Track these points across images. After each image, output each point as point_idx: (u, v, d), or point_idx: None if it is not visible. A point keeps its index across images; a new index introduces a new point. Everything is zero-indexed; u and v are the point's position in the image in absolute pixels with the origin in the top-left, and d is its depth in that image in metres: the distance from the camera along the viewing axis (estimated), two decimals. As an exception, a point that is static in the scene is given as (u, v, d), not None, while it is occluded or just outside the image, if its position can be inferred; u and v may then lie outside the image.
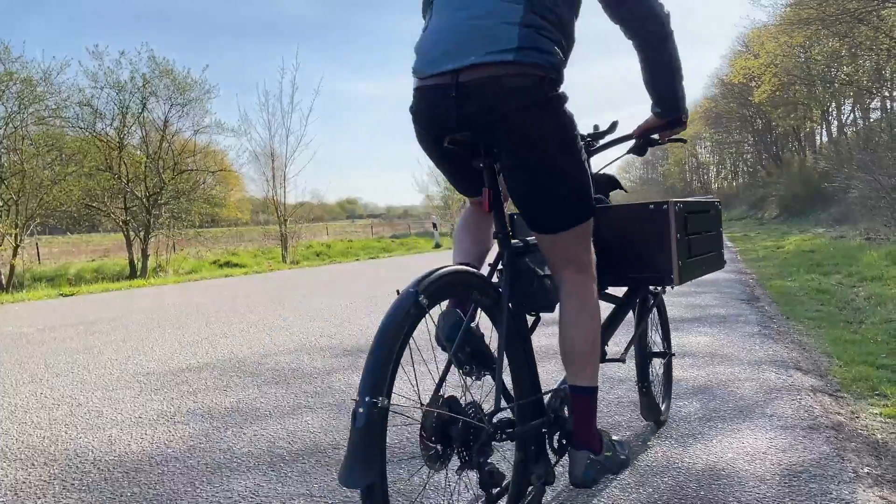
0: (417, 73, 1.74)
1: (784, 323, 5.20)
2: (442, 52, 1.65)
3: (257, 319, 6.24)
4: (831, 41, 20.07)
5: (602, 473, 1.86)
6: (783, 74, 22.88)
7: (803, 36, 19.88)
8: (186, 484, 2.41)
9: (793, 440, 2.59)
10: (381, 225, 47.59)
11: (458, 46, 1.62)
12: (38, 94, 14.66)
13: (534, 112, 1.60)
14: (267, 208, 23.88)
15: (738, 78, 26.48)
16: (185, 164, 18.02)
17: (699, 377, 3.60)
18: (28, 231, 14.97)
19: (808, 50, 22.71)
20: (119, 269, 18.13)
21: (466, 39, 1.61)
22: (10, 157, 14.43)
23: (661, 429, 2.80)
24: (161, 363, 4.46)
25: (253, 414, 3.23)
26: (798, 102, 30.80)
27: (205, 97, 17.72)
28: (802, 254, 11.40)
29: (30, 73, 14.50)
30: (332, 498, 2.24)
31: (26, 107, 14.60)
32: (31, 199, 14.47)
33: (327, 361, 4.34)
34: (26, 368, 4.45)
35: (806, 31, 18.81)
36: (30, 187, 14.24)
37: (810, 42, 21.78)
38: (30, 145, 14.75)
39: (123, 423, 3.18)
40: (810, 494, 2.11)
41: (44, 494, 2.36)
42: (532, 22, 1.59)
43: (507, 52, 1.57)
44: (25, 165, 14.17)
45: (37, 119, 15.19)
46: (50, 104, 15.20)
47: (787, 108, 32.20)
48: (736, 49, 38.49)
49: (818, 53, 22.16)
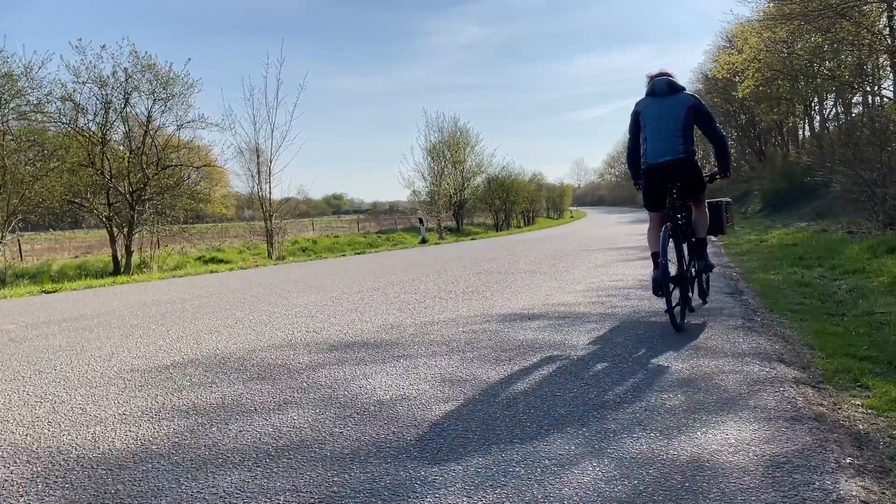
0: (650, 160, 4.97)
1: (767, 316, 5.24)
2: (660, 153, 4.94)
3: (242, 315, 6.21)
4: (814, 36, 20.16)
5: (708, 269, 5.41)
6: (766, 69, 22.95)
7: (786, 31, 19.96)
8: (171, 481, 2.39)
9: (776, 431, 2.61)
10: (368, 220, 47.45)
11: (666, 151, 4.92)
12: (19, 88, 14.48)
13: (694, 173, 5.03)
14: (252, 204, 23.77)
15: (721, 73, 26.52)
16: (169, 160, 17.85)
17: (683, 370, 3.62)
18: (10, 228, 14.80)
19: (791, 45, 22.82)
20: (103, 265, 17.95)
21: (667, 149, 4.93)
22: (-9, 153, 14.27)
23: (647, 421, 2.81)
24: (145, 360, 4.43)
25: (238, 410, 3.22)
26: (781, 97, 30.97)
27: (188, 92, 17.54)
28: (786, 247, 11.50)
29: (10, 68, 14.32)
30: (319, 493, 2.24)
31: (7, 102, 14.41)
32: (13, 196, 14.28)
33: (313, 357, 4.33)
34: (8, 366, 4.40)
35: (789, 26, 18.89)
36: (11, 183, 14.05)
37: (793, 37, 21.88)
38: (11, 141, 14.56)
39: (107, 420, 3.15)
40: (793, 485, 2.13)
41: (27, 493, 2.34)
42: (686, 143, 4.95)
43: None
44: (6, 161, 13.97)
45: (18, 114, 15.00)
46: (31, 99, 15.01)
47: (771, 103, 32.35)
48: (719, 44, 38.68)
49: (801, 49, 22.26)
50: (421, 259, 13.65)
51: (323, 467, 2.46)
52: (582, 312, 5.67)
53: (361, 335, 5.01)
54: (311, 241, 28.42)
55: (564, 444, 2.60)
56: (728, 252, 11.86)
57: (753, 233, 17.17)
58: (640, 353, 4.07)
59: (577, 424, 2.82)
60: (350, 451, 2.60)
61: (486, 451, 2.55)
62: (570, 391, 3.31)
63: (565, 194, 67.24)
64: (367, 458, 2.52)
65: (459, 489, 2.22)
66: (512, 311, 5.84)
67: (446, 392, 3.39)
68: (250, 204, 24.15)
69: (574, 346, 4.35)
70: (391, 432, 2.81)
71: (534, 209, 50.73)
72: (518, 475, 2.31)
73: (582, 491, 2.17)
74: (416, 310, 6.14)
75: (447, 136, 36.55)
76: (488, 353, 4.24)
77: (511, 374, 3.68)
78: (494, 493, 2.18)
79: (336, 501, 2.17)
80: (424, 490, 2.23)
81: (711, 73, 34.79)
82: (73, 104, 15.92)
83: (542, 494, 2.16)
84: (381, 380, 3.67)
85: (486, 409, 3.07)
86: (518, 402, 3.17)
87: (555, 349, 4.26)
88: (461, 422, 2.91)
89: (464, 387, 3.47)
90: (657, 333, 4.64)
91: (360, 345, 4.66)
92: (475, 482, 2.27)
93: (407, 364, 4.02)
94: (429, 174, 35.83)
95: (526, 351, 4.25)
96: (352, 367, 3.99)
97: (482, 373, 3.73)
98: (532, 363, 3.92)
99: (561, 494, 2.15)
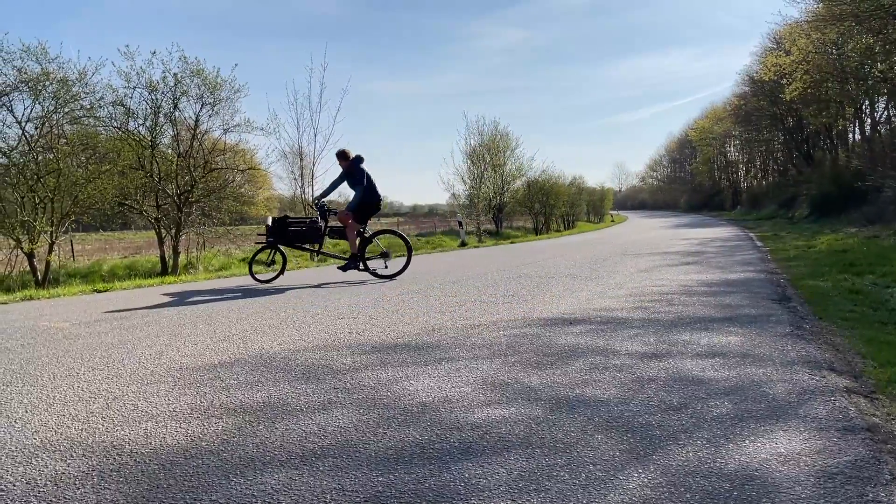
0: None
1: (817, 323, 5.12)
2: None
3: (287, 316, 6.30)
4: (865, 37, 19.64)
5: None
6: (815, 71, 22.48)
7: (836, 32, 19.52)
8: (220, 477, 2.45)
9: (827, 442, 2.56)
10: (407, 223, 47.68)
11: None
12: (73, 93, 14.91)
13: None
14: (294, 206, 24.05)
15: (768, 75, 26.05)
16: (215, 163, 18.20)
17: (731, 377, 3.57)
18: (63, 228, 15.26)
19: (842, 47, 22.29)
20: (151, 265, 18.40)
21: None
22: (46, 156, 14.71)
23: (693, 429, 2.77)
24: (193, 358, 4.53)
25: (284, 409, 3.27)
26: (830, 100, 30.26)
27: (235, 96, 17.86)
28: (835, 254, 11.21)
29: (66, 74, 14.77)
30: (364, 493, 2.27)
31: (62, 106, 14.87)
32: (66, 197, 14.72)
33: (356, 358, 4.38)
34: (63, 362, 4.55)
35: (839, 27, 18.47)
36: (65, 185, 14.47)
37: (843, 39, 21.37)
38: (65, 144, 15.01)
39: (158, 416, 3.24)
40: (846, 497, 2.09)
41: (83, 485, 2.41)
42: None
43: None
44: (60, 164, 14.40)
45: (71, 118, 15.44)
46: (84, 104, 15.44)
47: (819, 105, 31.64)
48: (767, 46, 37.97)
49: (852, 50, 21.72)
50: (461, 262, 13.67)
51: (368, 467, 2.49)
52: (624, 318, 5.61)
53: (403, 337, 5.05)
54: (351, 243, 28.63)
55: (609, 449, 2.58)
56: (775, 258, 11.61)
57: (801, 238, 16.78)
58: (685, 360, 4.01)
59: (621, 430, 2.80)
60: (394, 453, 2.63)
61: (530, 455, 2.55)
62: (613, 396, 3.29)
63: (606, 198, 66.53)
64: (412, 460, 2.55)
65: (503, 492, 2.23)
66: (553, 316, 5.81)
67: (489, 395, 3.39)
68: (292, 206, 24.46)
69: (616, 351, 4.32)
70: (434, 434, 2.83)
71: (573, 213, 50.30)
72: (562, 480, 2.31)
73: (627, 498, 2.16)
74: (457, 313, 6.16)
75: (487, 140, 36.53)
76: (530, 356, 4.23)
77: (553, 379, 3.67)
78: (538, 497, 2.18)
79: (382, 502, 2.20)
80: (468, 492, 2.24)
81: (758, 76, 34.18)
82: (124, 108, 16.35)
83: (586, 500, 2.15)
84: (423, 382, 3.70)
85: (529, 413, 3.07)
86: (561, 406, 3.17)
87: (597, 354, 4.23)
88: (504, 425, 2.92)
89: (506, 390, 3.47)
90: (702, 340, 4.58)
91: (402, 347, 4.70)
92: (519, 486, 2.28)
93: (449, 367, 4.04)
94: (468, 177, 35.85)
95: (568, 355, 4.23)
96: (394, 369, 4.03)
97: (524, 376, 3.73)
98: (574, 368, 3.90)
99: (606, 501, 2.14)
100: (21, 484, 2.44)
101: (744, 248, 14.93)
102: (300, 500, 2.22)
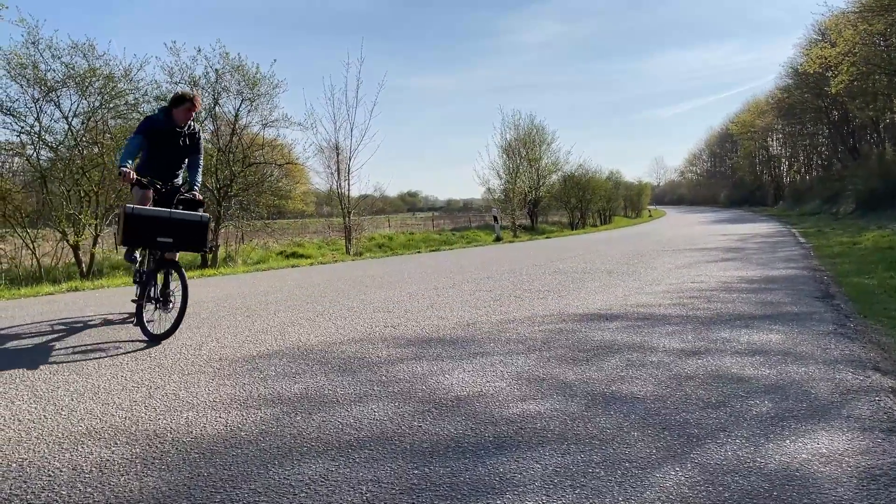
0: None
1: (861, 322, 5.00)
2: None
3: (323, 309, 6.37)
4: (915, 28, 19.06)
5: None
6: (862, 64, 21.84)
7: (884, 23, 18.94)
8: (259, 466, 2.49)
9: (871, 442, 2.50)
10: (442, 218, 47.71)
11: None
12: (119, 90, 15.24)
13: None
14: (331, 201, 24.25)
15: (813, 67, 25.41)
16: (254, 157, 18.45)
17: (771, 375, 3.51)
18: (107, 221, 15.61)
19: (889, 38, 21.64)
20: (191, 258, 18.73)
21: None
22: (91, 151, 15.06)
23: (732, 427, 2.73)
24: (232, 349, 4.61)
25: (321, 401, 3.31)
26: (878, 93, 29.42)
27: (273, 92, 18.07)
28: (881, 251, 10.91)
29: (112, 70, 15.10)
30: (400, 485, 2.29)
31: (108, 102, 15.21)
32: (110, 191, 15.06)
33: (391, 351, 4.41)
34: (107, 352, 4.67)
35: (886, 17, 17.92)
36: (108, 179, 14.81)
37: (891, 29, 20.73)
38: (109, 139, 15.33)
39: (199, 406, 3.30)
40: (890, 499, 2.04)
41: (126, 472, 2.48)
42: None
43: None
44: (105, 158, 14.74)
45: (116, 113, 15.77)
46: (129, 99, 15.76)
47: (866, 98, 30.79)
48: (811, 38, 37.03)
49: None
50: (496, 257, 13.64)
51: (403, 460, 2.51)
52: (662, 314, 5.55)
53: (438, 331, 5.06)
54: (387, 237, 28.84)
55: (645, 446, 2.56)
56: (818, 254, 11.35)
57: (845, 234, 16.37)
58: (724, 358, 3.95)
59: (658, 427, 2.77)
60: (429, 446, 2.65)
61: (566, 451, 2.54)
62: (649, 393, 3.26)
63: (643, 193, 65.76)
64: (447, 453, 2.56)
65: (538, 487, 2.23)
66: (589, 311, 5.77)
67: (524, 390, 3.39)
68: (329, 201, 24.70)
69: (654, 348, 4.27)
70: (469, 428, 2.84)
71: (610, 208, 49.82)
72: (598, 476, 2.30)
73: (664, 495, 2.14)
74: (492, 308, 6.16)
75: (523, 134, 36.35)
76: (565, 352, 4.21)
77: (589, 375, 3.65)
78: (574, 493, 2.18)
79: (417, 494, 2.21)
80: (503, 487, 2.25)
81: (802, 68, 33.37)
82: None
83: (622, 497, 2.14)
84: (458, 376, 3.71)
85: (565, 409, 3.06)
86: (597, 402, 3.15)
87: (633, 351, 4.20)
88: (539, 420, 2.91)
89: (541, 386, 3.46)
90: (742, 338, 4.50)
91: (437, 341, 4.71)
92: (554, 481, 2.27)
93: (484, 361, 4.04)
94: (504, 172, 35.72)
95: (604, 351, 4.20)
96: (429, 363, 4.04)
97: (559, 372, 3.72)
98: (610, 364, 3.87)
99: (642, 498, 2.13)
100: (67, 470, 2.51)
101: (786, 244, 14.62)
102: (337, 491, 2.25)
